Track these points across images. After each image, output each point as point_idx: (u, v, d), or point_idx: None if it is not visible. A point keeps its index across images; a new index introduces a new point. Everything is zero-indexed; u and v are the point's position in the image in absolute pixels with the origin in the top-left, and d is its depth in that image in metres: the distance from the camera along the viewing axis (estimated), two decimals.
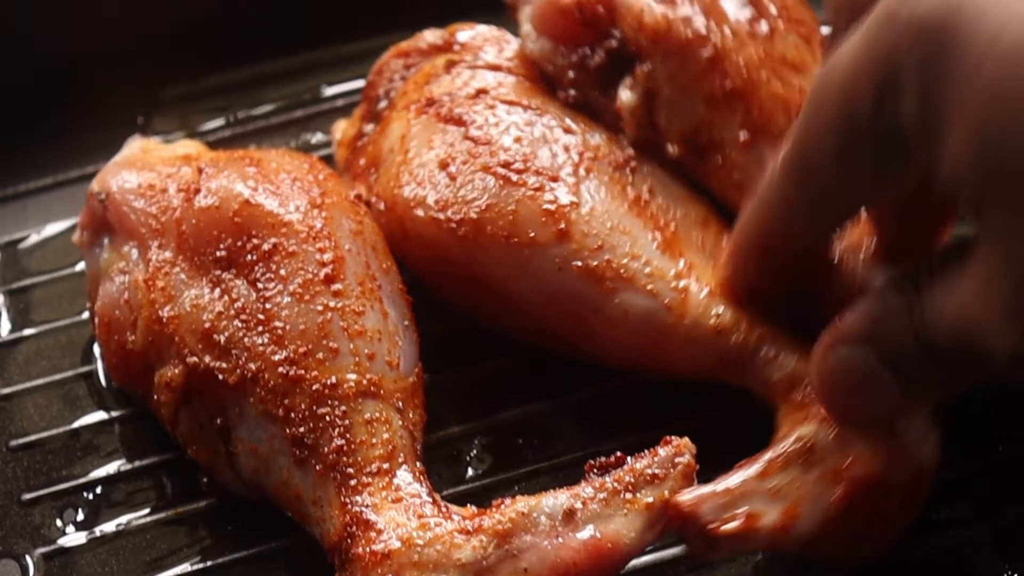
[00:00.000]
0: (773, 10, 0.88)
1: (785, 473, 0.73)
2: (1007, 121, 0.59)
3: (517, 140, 0.87)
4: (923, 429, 0.74)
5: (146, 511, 0.86)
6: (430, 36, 0.99)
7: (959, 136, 0.61)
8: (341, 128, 1.01)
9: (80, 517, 0.86)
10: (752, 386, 0.80)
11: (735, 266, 0.81)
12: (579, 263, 0.82)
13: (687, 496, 0.72)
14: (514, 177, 0.84)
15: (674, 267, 0.82)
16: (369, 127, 0.97)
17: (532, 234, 0.83)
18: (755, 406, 0.81)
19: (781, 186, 0.73)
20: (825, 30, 0.91)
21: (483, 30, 0.98)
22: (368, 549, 0.73)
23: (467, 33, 0.97)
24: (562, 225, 0.83)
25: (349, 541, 0.74)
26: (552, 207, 0.83)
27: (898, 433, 0.74)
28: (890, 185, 0.71)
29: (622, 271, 0.82)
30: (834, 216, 0.74)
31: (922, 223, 0.80)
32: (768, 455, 0.74)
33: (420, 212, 0.86)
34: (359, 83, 1.07)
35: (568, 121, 0.89)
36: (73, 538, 0.85)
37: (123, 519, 0.86)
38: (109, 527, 0.85)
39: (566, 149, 0.86)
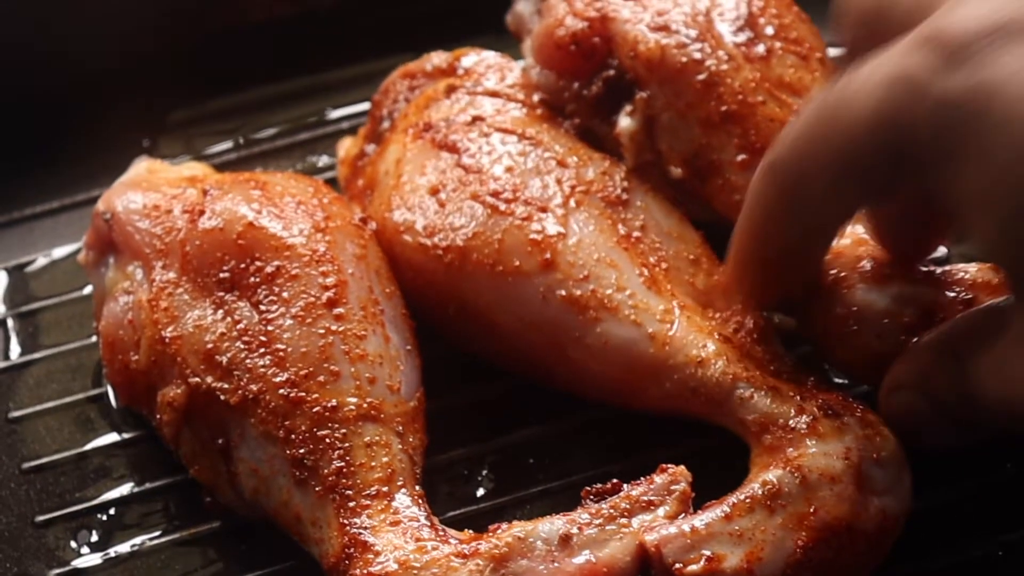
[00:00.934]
0: (770, 31, 0.88)
1: (751, 516, 0.73)
2: None
3: (508, 170, 0.87)
4: (894, 476, 0.75)
5: (160, 531, 0.86)
6: (436, 59, 0.99)
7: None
8: (346, 146, 1.01)
9: (94, 538, 0.86)
10: (727, 424, 0.80)
11: (734, 275, 0.81)
12: (563, 292, 0.82)
13: (652, 535, 0.72)
14: (502, 206, 0.85)
15: (661, 303, 0.82)
16: (371, 147, 0.97)
17: (517, 263, 0.83)
18: None
19: (763, 196, 0.74)
20: (832, 52, 0.91)
21: (488, 56, 0.98)
22: (365, 571, 0.73)
23: (471, 58, 0.98)
24: (548, 255, 0.83)
25: (347, 562, 0.74)
26: (539, 237, 0.83)
27: (866, 480, 0.74)
28: (880, 206, 0.74)
29: (606, 301, 0.82)
30: (818, 226, 0.75)
31: (915, 234, 0.80)
32: (734, 497, 0.74)
33: (408, 237, 0.87)
34: (364, 106, 1.08)
35: (563, 152, 0.89)
36: (88, 559, 0.85)
37: (137, 540, 0.86)
38: (124, 548, 0.85)
39: (558, 181, 0.86)
